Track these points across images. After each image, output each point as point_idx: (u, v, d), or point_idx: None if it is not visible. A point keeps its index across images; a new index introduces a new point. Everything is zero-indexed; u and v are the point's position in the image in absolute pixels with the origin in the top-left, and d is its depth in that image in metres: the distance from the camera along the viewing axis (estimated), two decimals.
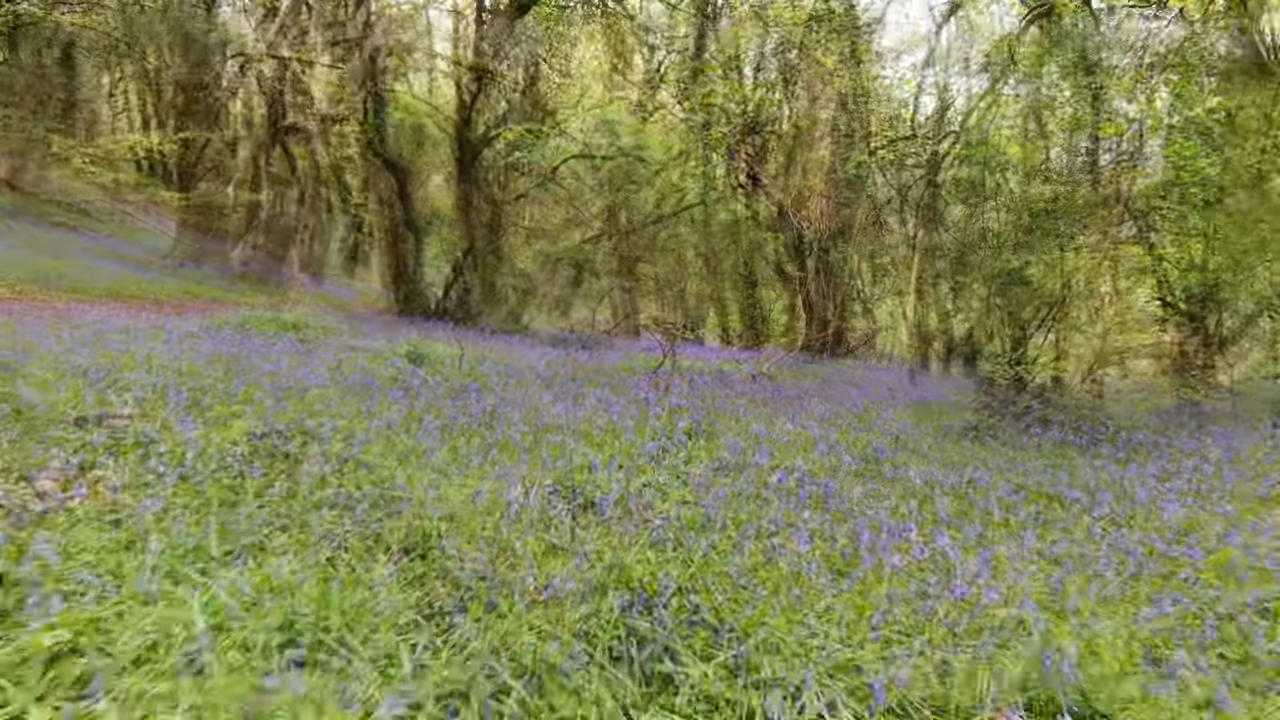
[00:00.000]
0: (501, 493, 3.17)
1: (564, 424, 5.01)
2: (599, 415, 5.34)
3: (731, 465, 4.21)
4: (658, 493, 3.67)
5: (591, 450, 4.54)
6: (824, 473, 4.41)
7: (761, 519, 3.38)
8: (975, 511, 4.36)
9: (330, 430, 3.89)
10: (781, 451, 4.97)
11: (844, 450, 5.15)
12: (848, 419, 6.91)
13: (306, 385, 5.09)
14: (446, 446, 4.01)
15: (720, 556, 2.74)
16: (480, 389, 5.80)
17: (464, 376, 6.35)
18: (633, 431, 4.83)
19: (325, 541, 2.68)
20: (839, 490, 4.12)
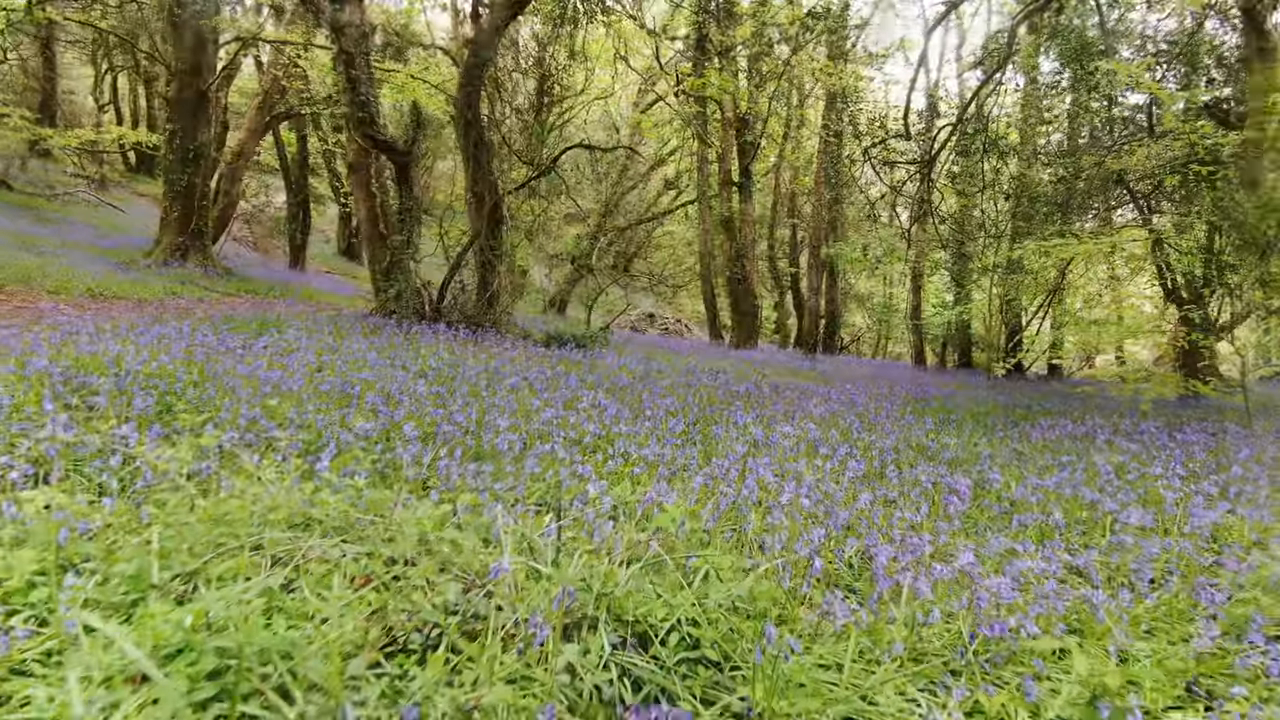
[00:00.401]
0: (482, 511, 2.87)
1: (555, 430, 4.70)
2: (592, 420, 5.05)
3: (730, 473, 3.91)
4: (654, 506, 3.37)
5: (583, 457, 4.24)
6: (829, 478, 4.13)
7: (765, 535, 3.09)
8: (991, 517, 4.08)
9: (298, 445, 3.58)
10: (783, 456, 4.68)
11: (846, 450, 4.88)
12: (848, 418, 6.63)
13: (283, 390, 4.77)
14: (430, 457, 3.70)
15: (721, 579, 2.45)
16: (469, 394, 5.49)
17: (448, 381, 6.04)
18: (625, 438, 4.53)
19: (280, 566, 2.38)
20: (846, 498, 3.83)
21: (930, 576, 2.70)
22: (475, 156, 11.78)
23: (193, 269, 16.25)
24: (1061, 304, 18.86)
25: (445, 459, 3.71)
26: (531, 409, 4.95)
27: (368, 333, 8.58)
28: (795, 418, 5.88)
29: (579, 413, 5.14)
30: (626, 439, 4.54)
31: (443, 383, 5.71)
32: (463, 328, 10.93)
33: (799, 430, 5.31)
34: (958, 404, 9.90)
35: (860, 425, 6.19)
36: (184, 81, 16.50)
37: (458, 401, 4.99)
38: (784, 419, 6.03)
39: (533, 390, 5.72)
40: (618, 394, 6.26)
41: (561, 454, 4.00)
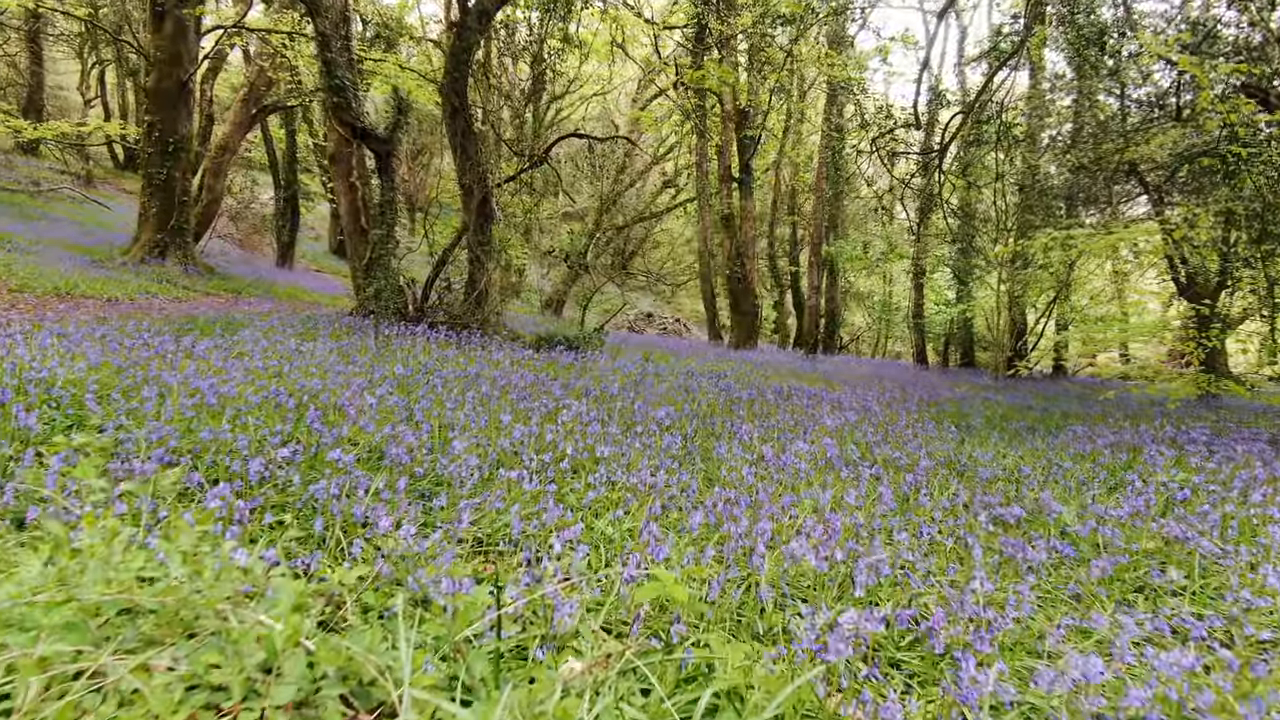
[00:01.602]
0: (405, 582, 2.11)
1: (531, 450, 3.94)
2: (574, 437, 4.28)
3: (737, 509, 3.14)
4: (644, 554, 2.61)
5: (559, 486, 3.47)
6: (852, 504, 3.36)
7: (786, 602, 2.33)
8: (1059, 561, 3.31)
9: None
10: (797, 479, 3.92)
11: (865, 471, 4.12)
12: (864, 429, 5.86)
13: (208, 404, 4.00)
14: (368, 489, 2.94)
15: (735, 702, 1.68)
16: (434, 405, 4.72)
17: (414, 390, 5.27)
18: (611, 460, 3.76)
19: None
20: (880, 529, 3.08)
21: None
22: (463, 146, 10.99)
23: (172, 267, 15.45)
24: (1067, 301, 18.11)
25: (387, 491, 2.95)
26: (504, 424, 4.17)
27: (338, 334, 7.80)
28: (808, 430, 5.11)
29: (561, 427, 4.37)
30: (613, 461, 3.77)
31: (406, 392, 4.93)
32: (446, 329, 10.15)
33: (813, 446, 4.55)
34: (973, 408, 9.14)
35: (880, 438, 5.43)
36: (163, 71, 15.67)
37: (417, 416, 4.22)
38: (794, 431, 5.26)
39: (507, 399, 4.95)
40: (607, 403, 5.48)
41: (531, 484, 3.23)
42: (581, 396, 5.64)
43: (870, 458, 4.84)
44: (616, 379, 7.43)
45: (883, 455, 4.83)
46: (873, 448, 4.97)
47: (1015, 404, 10.14)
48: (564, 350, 10.09)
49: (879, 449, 4.97)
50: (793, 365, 14.85)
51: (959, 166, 11.38)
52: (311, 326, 8.22)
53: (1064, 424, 8.39)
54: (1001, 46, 10.54)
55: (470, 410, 4.43)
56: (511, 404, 4.83)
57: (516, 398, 5.01)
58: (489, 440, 3.83)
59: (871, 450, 4.92)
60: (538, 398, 5.22)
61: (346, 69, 10.54)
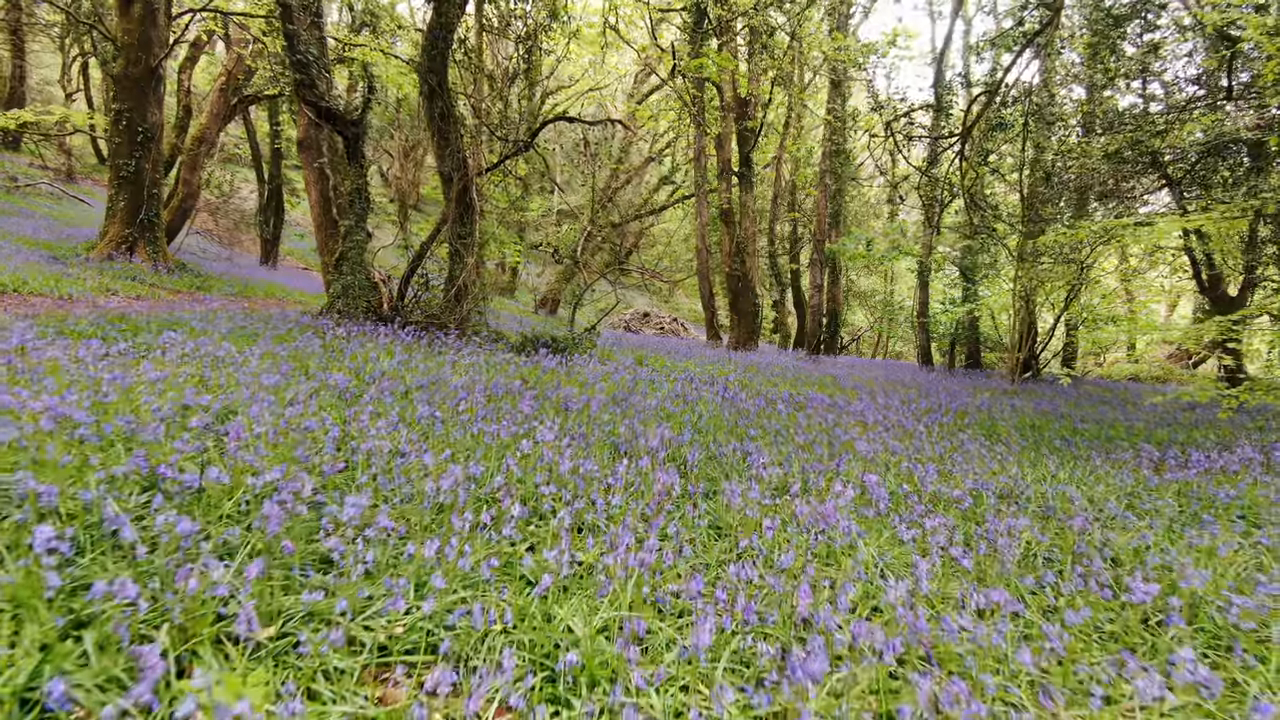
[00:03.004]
0: None
1: (489, 490, 2.88)
2: (539, 471, 3.23)
3: (768, 615, 2.09)
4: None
5: (501, 561, 2.42)
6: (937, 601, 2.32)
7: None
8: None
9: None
10: (837, 541, 2.87)
11: (927, 519, 3.08)
12: (900, 446, 4.82)
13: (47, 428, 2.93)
14: (228, 570, 1.88)
15: None
16: (368, 421, 3.66)
17: (349, 405, 4.22)
18: (583, 511, 2.70)
19: None
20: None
21: None
22: (441, 131, 9.92)
23: (140, 263, 14.34)
24: (1077, 301, 17.08)
25: (251, 564, 1.90)
26: (448, 455, 3.11)
27: (287, 336, 6.72)
28: (840, 460, 4.04)
29: (523, 457, 3.31)
30: (584, 514, 2.72)
31: (336, 410, 3.87)
32: (422, 329, 9.09)
33: (848, 482, 3.49)
34: (1002, 416, 8.09)
35: (917, 454, 4.37)
36: (132, 56, 14.56)
37: (341, 446, 3.15)
38: (820, 457, 4.20)
39: (455, 418, 3.87)
40: (589, 423, 4.42)
41: (466, 557, 2.18)
42: (559, 412, 4.58)
43: (918, 490, 3.79)
44: (605, 387, 6.37)
45: (933, 489, 3.78)
46: (921, 479, 3.91)
47: (1046, 412, 9.09)
48: (550, 353, 9.03)
49: (927, 479, 3.92)
50: (797, 368, 13.80)
51: (979, 153, 10.38)
52: (262, 327, 7.14)
53: (1109, 436, 7.35)
54: (1027, 25, 9.49)
55: (410, 436, 3.37)
56: (460, 425, 3.77)
57: (478, 416, 3.95)
58: (416, 482, 2.77)
59: (920, 482, 3.86)
60: (504, 416, 4.16)
61: (315, 45, 9.47)
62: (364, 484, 2.73)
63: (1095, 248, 10.30)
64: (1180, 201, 14.15)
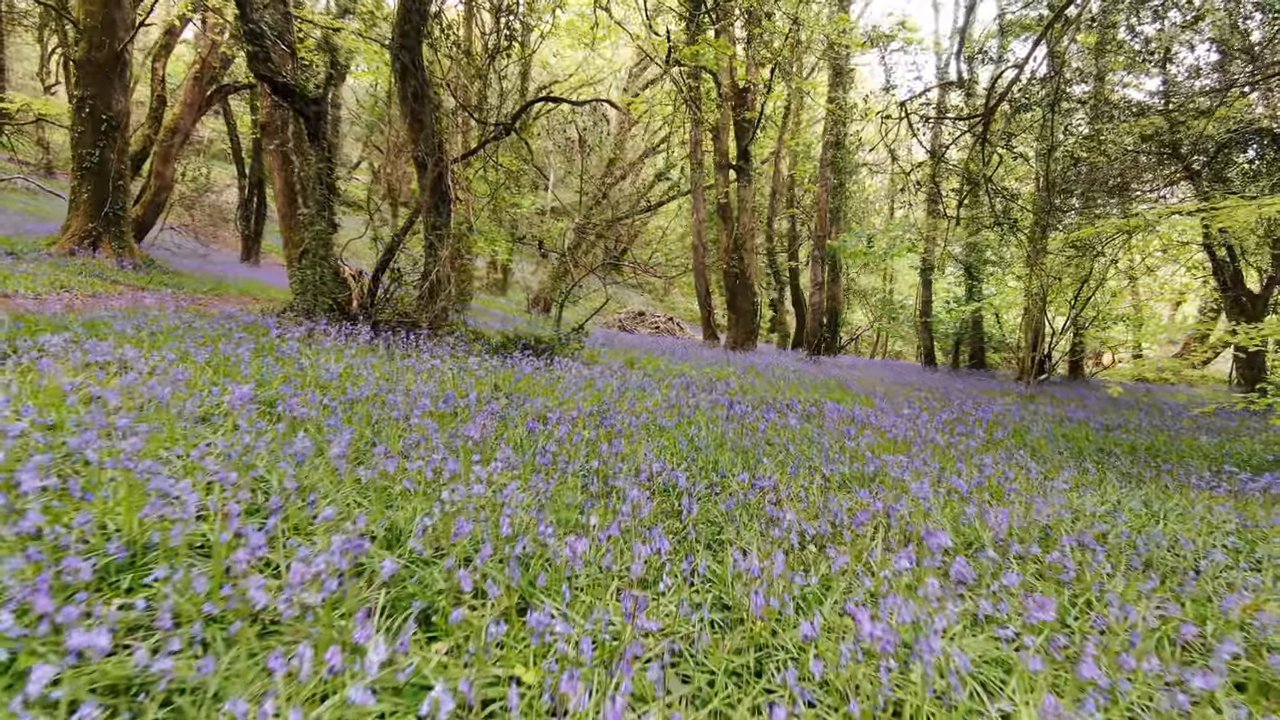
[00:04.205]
0: None
1: (417, 548, 1.93)
2: (494, 509, 2.29)
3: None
4: None
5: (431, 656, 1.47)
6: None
7: None
8: None
9: None
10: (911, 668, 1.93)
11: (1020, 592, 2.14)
12: (934, 473, 3.88)
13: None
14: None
15: None
16: (267, 449, 2.70)
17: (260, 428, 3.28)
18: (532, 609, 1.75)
19: None
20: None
21: None
22: (414, 113, 8.93)
23: (104, 259, 13.31)
24: (1093, 299, 16.17)
25: None
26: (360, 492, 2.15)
27: (218, 337, 5.73)
28: (879, 498, 3.09)
29: (446, 516, 2.36)
30: (514, 633, 1.77)
31: (184, 439, 2.90)
32: (393, 328, 8.12)
33: (898, 529, 2.54)
34: (1035, 424, 7.17)
35: (981, 501, 3.43)
36: (95, 40, 13.52)
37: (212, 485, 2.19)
38: (855, 498, 3.25)
39: (370, 449, 2.90)
40: (560, 446, 3.46)
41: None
42: (523, 435, 3.62)
43: (986, 538, 2.85)
44: (588, 396, 5.42)
45: (1008, 533, 2.84)
46: (982, 518, 2.96)
47: (1076, 420, 8.17)
48: (533, 354, 8.07)
49: (995, 523, 2.97)
50: (799, 370, 12.87)
51: (1002, 137, 9.46)
52: (202, 327, 6.15)
53: (1155, 448, 6.43)
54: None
55: (285, 483, 2.40)
56: (389, 455, 2.81)
57: (410, 443, 2.99)
58: (290, 548, 1.81)
59: (990, 524, 2.91)
60: (450, 442, 3.20)
61: (275, 16, 8.49)
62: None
63: (1121, 240, 9.40)
64: (1201, 194, 13.26)
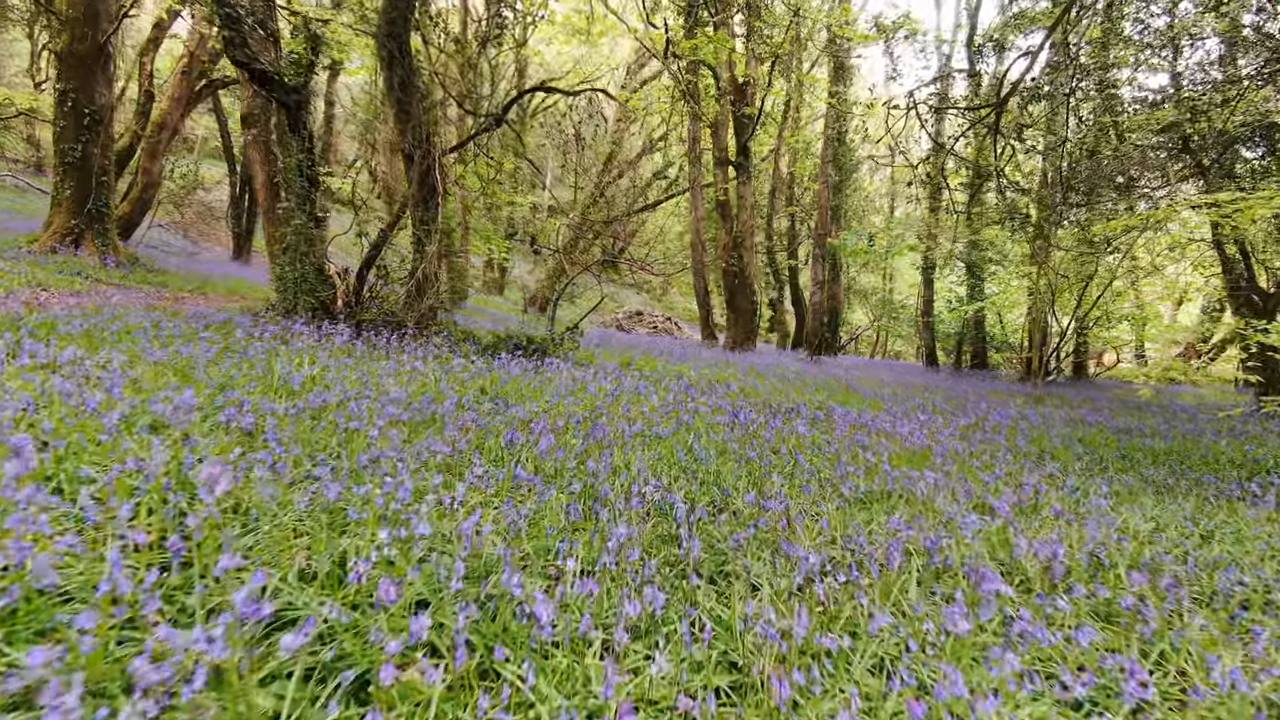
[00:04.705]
0: None
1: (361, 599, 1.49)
2: (455, 545, 1.85)
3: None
4: None
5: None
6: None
7: None
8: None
9: None
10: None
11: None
12: (963, 493, 3.45)
13: None
14: None
15: None
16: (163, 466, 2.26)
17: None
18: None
19: None
20: None
21: None
22: (401, 103, 8.49)
23: (86, 257, 12.86)
24: (1097, 297, 15.73)
25: None
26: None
27: (194, 337, 5.29)
28: (914, 525, 2.66)
29: (385, 563, 1.93)
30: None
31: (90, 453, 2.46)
32: (371, 328, 7.68)
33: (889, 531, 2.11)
34: (1052, 432, 6.75)
35: (1026, 530, 2.99)
36: (77, 32, 13.06)
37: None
38: (883, 526, 2.82)
39: (309, 472, 2.46)
40: (541, 461, 3.03)
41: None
42: (499, 449, 3.18)
43: (1032, 575, 2.41)
44: (580, 402, 4.98)
45: (1063, 567, 2.40)
46: (1024, 547, 2.53)
47: (1093, 424, 7.74)
48: (523, 355, 7.64)
49: (1046, 553, 2.54)
50: (800, 370, 12.44)
51: (1014, 128, 9.02)
52: (170, 326, 5.71)
53: (1183, 454, 6.00)
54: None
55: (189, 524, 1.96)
56: (339, 474, 2.37)
57: (343, 471, 2.55)
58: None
59: (1034, 556, 2.48)
60: (412, 459, 2.76)
61: (255, 2, 8.02)
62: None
63: (1135, 237, 8.98)
64: (1211, 191, 12.84)
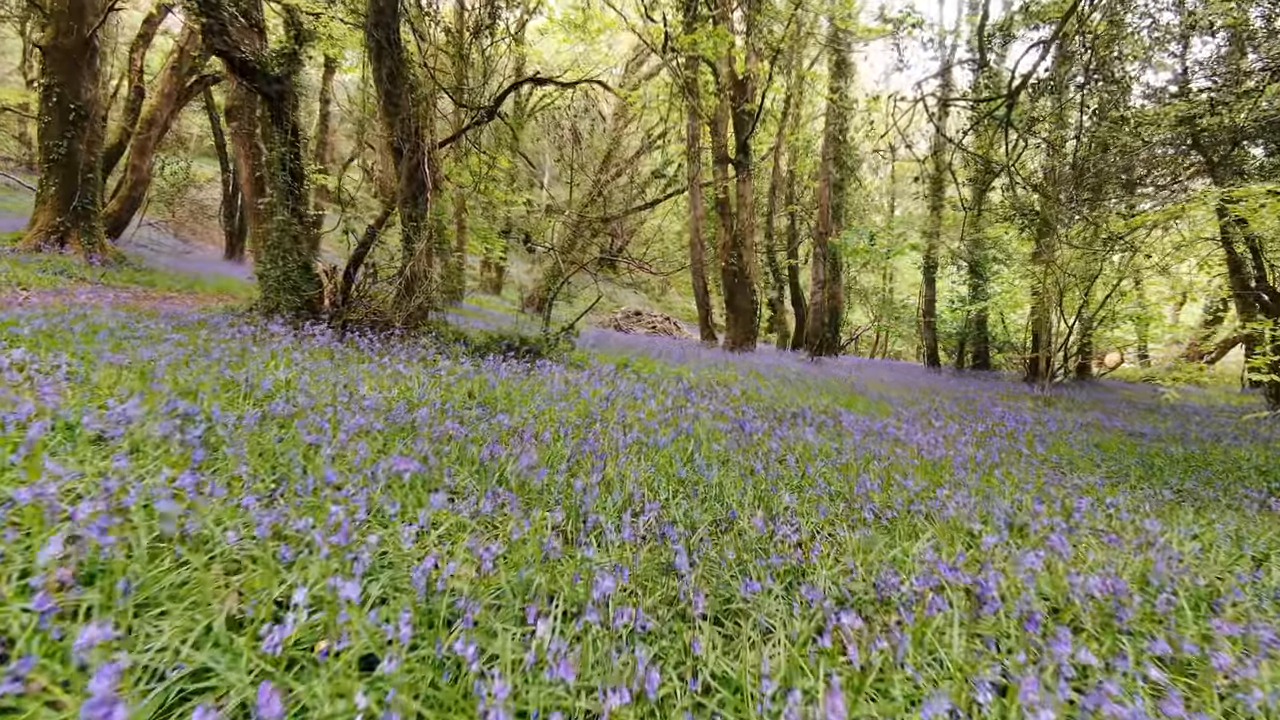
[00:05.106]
0: None
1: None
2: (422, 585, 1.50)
3: None
4: None
5: None
6: None
7: None
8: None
9: None
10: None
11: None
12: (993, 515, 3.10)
13: None
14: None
15: None
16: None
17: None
18: None
19: None
20: None
21: None
22: (389, 95, 8.13)
23: (72, 255, 12.49)
24: (1107, 296, 15.35)
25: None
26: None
27: (161, 337, 4.93)
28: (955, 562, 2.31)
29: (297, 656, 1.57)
30: None
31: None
32: (356, 329, 7.32)
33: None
34: (1070, 439, 6.40)
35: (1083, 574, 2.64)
36: (62, 25, 12.69)
37: None
38: (923, 570, 2.47)
39: (319, 462, 2.10)
40: (521, 480, 2.67)
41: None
42: (478, 456, 2.82)
43: (1098, 634, 2.05)
44: (572, 407, 4.62)
45: (1130, 623, 2.05)
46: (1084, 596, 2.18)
47: (1108, 429, 7.40)
48: (514, 356, 7.28)
49: (1102, 586, 2.18)
50: (802, 371, 12.09)
51: (1025, 121, 8.63)
52: (137, 327, 5.35)
53: (1207, 460, 5.64)
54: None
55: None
56: (273, 499, 2.01)
57: (337, 474, 2.20)
58: None
59: (1096, 583, 2.13)
60: (372, 479, 2.40)
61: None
62: None
63: (1148, 234, 8.64)
64: (1222, 185, 12.48)
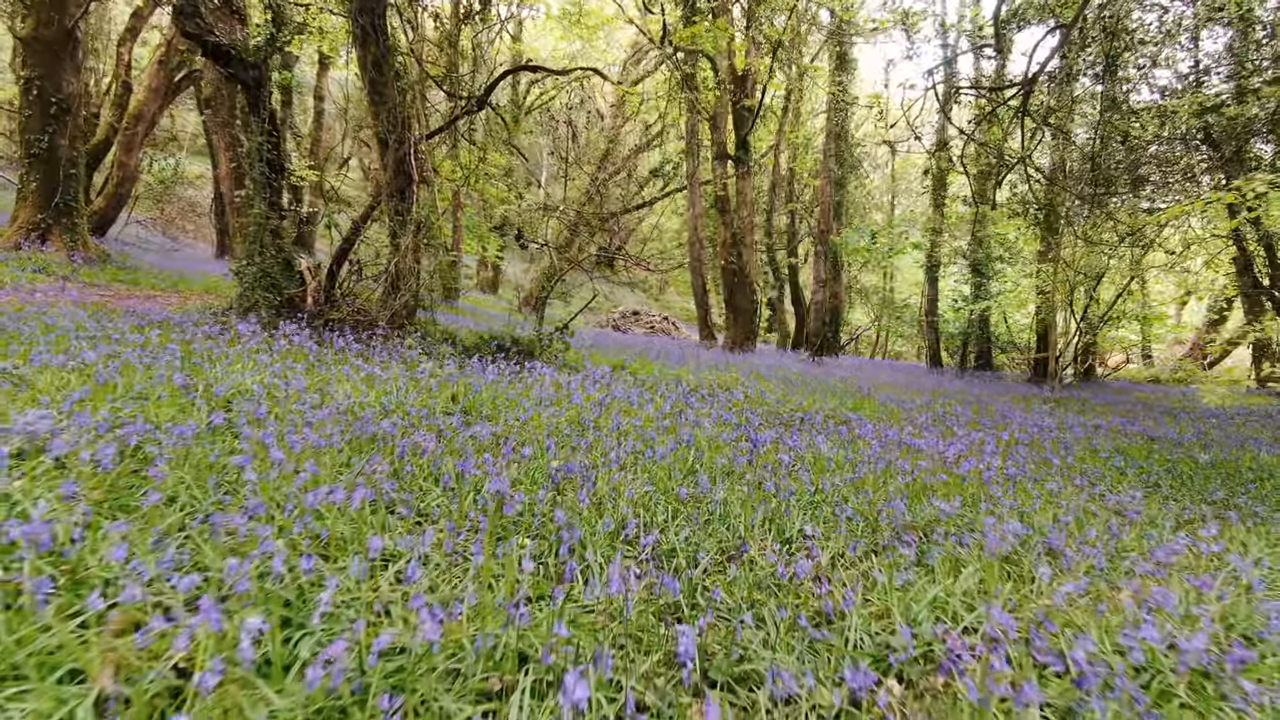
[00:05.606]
0: None
1: None
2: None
3: None
4: None
5: None
6: None
7: None
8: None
9: None
10: None
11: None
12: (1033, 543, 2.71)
13: None
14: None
15: None
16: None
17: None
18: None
19: None
20: None
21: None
22: (375, 84, 7.72)
23: (53, 253, 12.08)
24: (1119, 295, 14.97)
25: None
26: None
27: (121, 337, 4.53)
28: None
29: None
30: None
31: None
32: (336, 328, 6.92)
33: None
34: (1093, 444, 6.02)
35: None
36: (42, 16, 12.28)
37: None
38: (970, 624, 2.07)
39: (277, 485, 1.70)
40: (491, 509, 2.28)
41: None
42: (453, 475, 2.42)
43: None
44: (562, 413, 4.22)
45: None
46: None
47: (1126, 432, 7.02)
48: (505, 358, 6.88)
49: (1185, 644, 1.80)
50: (804, 372, 11.70)
51: (1041, 111, 8.26)
52: (95, 326, 4.95)
53: (1237, 466, 5.26)
54: None
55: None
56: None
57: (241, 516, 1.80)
58: None
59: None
60: (309, 510, 2.01)
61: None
62: None
63: (1164, 230, 8.27)
64: (1230, 181, 12.13)
